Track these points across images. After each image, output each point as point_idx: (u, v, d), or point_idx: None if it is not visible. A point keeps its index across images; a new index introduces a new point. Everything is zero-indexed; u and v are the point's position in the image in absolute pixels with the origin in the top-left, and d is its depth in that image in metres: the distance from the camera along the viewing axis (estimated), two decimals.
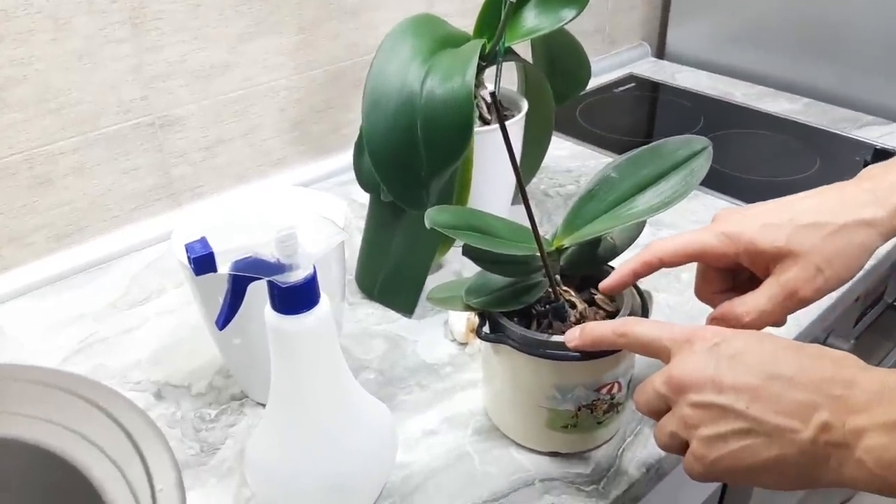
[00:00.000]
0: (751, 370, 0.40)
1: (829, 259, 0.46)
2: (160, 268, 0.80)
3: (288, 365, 0.46)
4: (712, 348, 0.41)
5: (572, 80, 0.84)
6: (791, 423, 0.38)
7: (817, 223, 0.47)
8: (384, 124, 0.62)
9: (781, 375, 0.39)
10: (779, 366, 0.39)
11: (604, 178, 0.55)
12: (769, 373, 0.39)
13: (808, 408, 0.38)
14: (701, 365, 0.41)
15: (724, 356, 0.41)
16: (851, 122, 1.09)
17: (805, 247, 0.46)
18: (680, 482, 0.67)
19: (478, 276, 0.55)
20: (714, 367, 0.41)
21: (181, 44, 0.80)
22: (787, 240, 0.47)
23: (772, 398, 0.39)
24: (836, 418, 0.37)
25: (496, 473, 0.55)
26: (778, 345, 0.41)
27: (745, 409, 0.39)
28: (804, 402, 0.38)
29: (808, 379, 0.38)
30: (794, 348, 0.41)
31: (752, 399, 0.39)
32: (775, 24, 1.20)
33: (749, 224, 0.48)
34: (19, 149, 0.73)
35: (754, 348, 0.41)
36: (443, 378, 0.64)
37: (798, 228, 0.47)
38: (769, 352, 0.40)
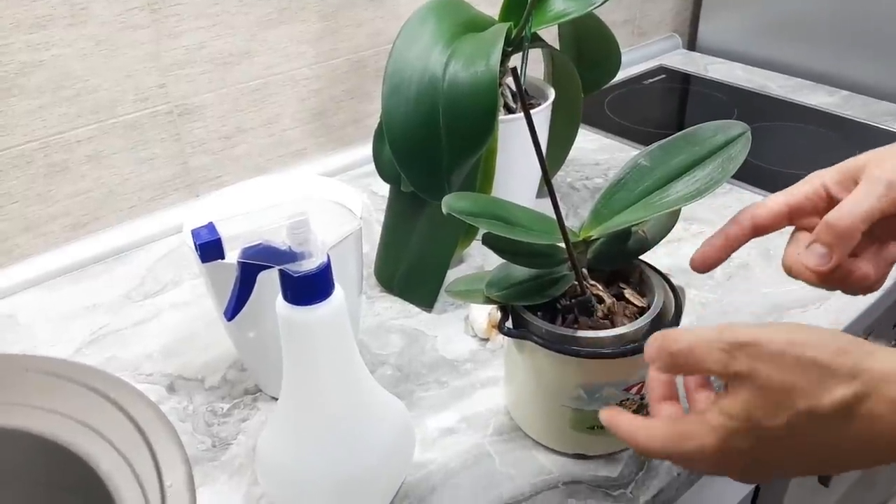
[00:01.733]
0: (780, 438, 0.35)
1: None
2: (176, 259, 0.79)
3: (300, 359, 0.44)
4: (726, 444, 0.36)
5: (601, 69, 0.81)
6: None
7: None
8: (405, 109, 0.60)
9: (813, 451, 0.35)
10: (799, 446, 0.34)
11: (634, 166, 0.52)
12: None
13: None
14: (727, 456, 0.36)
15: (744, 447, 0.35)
16: (892, 115, 1.05)
17: (884, 157, 0.42)
18: (711, 487, 0.64)
19: (500, 269, 0.52)
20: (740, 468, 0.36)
21: (200, 30, 0.78)
22: (864, 157, 0.43)
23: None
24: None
25: (517, 475, 0.53)
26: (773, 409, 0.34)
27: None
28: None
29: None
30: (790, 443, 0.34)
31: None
32: (811, 14, 1.15)
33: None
34: (35, 136, 0.72)
35: (764, 422, 0.34)
36: (462, 375, 0.62)
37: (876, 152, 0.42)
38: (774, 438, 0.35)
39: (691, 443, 0.36)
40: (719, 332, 0.36)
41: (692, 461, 0.37)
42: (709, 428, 0.36)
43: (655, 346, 0.38)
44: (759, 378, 0.34)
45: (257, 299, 0.42)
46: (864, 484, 1.19)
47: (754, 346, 0.34)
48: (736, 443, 0.35)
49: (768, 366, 0.34)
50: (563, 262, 0.51)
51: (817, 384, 0.33)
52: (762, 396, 0.34)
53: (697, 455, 0.36)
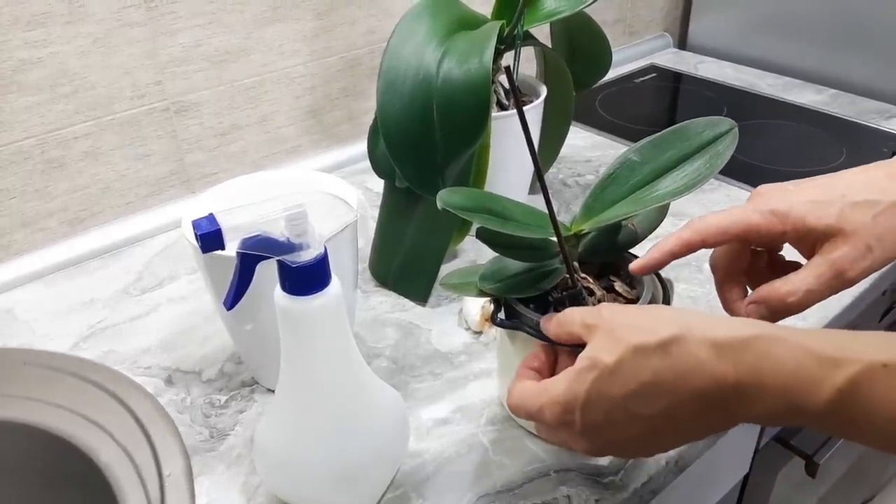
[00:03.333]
0: (631, 420, 0.40)
1: (878, 238, 0.44)
2: (173, 255, 0.79)
3: (297, 348, 0.45)
4: (584, 429, 0.41)
5: (593, 67, 0.82)
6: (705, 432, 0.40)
7: (868, 201, 0.45)
8: (399, 105, 0.61)
9: (654, 414, 0.39)
10: (640, 408, 0.39)
11: (624, 161, 0.53)
12: (644, 415, 0.39)
13: (719, 421, 0.39)
14: (598, 439, 0.41)
15: (600, 425, 0.40)
16: (879, 113, 1.07)
17: (856, 225, 0.44)
18: (700, 476, 0.66)
19: (493, 262, 0.53)
20: (612, 432, 0.41)
21: (196, 28, 0.79)
22: (837, 217, 0.44)
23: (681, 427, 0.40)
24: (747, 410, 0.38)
25: (510, 464, 0.54)
26: (615, 385, 0.39)
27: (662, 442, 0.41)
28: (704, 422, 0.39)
29: (677, 406, 0.39)
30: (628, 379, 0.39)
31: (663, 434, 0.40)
32: (800, 14, 1.17)
33: (797, 201, 0.46)
34: (33, 133, 0.73)
35: (609, 406, 0.40)
36: (456, 367, 0.63)
37: (849, 206, 0.45)
38: (620, 398, 0.39)
39: (544, 395, 0.42)
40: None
41: (542, 416, 0.42)
42: (560, 378, 0.42)
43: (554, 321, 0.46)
44: (606, 322, 0.41)
45: (254, 293, 0.42)
46: (852, 478, 1.20)
47: (608, 307, 0.43)
48: (577, 386, 0.40)
49: (614, 312, 0.42)
50: (555, 256, 0.52)
51: (649, 326, 0.39)
52: (605, 336, 0.41)
53: (548, 408, 0.42)
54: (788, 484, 0.93)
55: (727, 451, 0.70)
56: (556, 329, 0.46)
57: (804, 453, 0.83)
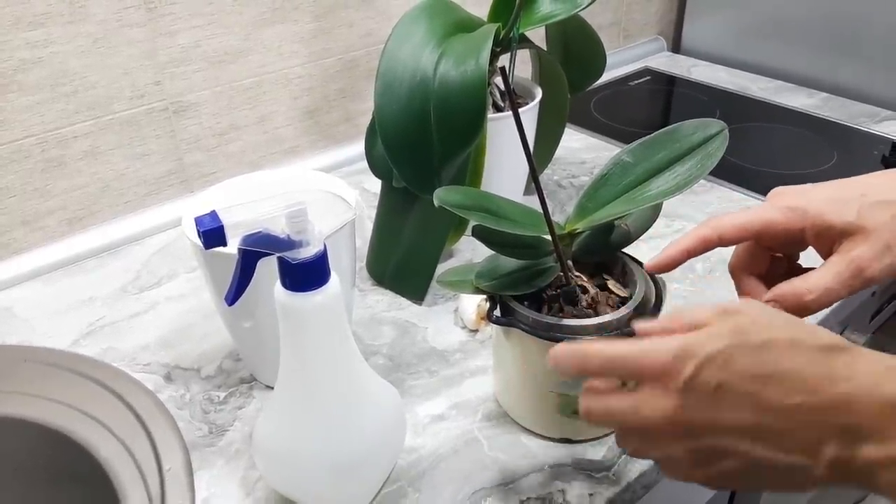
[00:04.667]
0: (741, 404, 0.36)
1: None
2: (171, 253, 0.80)
3: (297, 343, 0.45)
4: (691, 382, 0.37)
5: (587, 69, 0.83)
6: (801, 460, 0.35)
7: (888, 201, 0.44)
8: (397, 107, 0.62)
9: (776, 407, 0.36)
10: (768, 393, 0.36)
11: (617, 162, 0.54)
12: (762, 405, 0.36)
13: (814, 443, 0.35)
14: (690, 405, 0.37)
15: (708, 390, 0.37)
16: (870, 116, 1.08)
17: (876, 223, 0.44)
18: None
19: (488, 260, 0.54)
20: (708, 405, 0.37)
21: (195, 29, 0.80)
22: (857, 215, 0.44)
23: (773, 436, 0.36)
24: (845, 452, 0.35)
25: (505, 459, 0.55)
26: (750, 359, 0.37)
27: (750, 450, 0.36)
28: (808, 440, 0.35)
29: (804, 406, 0.35)
30: (769, 360, 0.36)
31: (754, 439, 0.36)
32: (793, 18, 1.18)
33: (815, 199, 0.46)
34: (33, 132, 0.73)
35: (734, 369, 0.36)
36: (452, 364, 0.64)
37: (869, 205, 0.44)
38: (749, 376, 0.36)
39: (649, 344, 0.38)
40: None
41: (638, 362, 0.38)
42: (678, 336, 0.38)
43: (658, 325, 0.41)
44: (751, 312, 0.38)
45: (253, 291, 0.43)
46: None
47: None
48: (707, 339, 0.37)
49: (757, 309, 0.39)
50: (550, 254, 0.53)
51: (810, 329, 0.37)
52: (759, 315, 0.38)
53: (651, 353, 0.38)
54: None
55: None
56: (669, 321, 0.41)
57: None
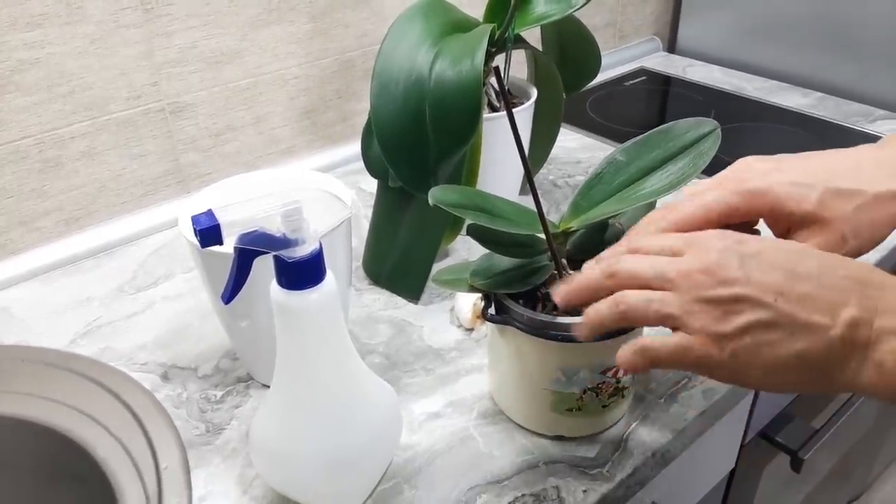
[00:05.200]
0: (775, 268, 0.38)
1: (855, 230, 0.44)
2: (168, 253, 0.80)
3: (293, 341, 0.46)
4: (731, 246, 0.40)
5: (582, 70, 0.83)
6: (821, 318, 0.37)
7: (851, 190, 0.44)
8: (392, 107, 0.62)
9: (808, 274, 0.38)
10: (804, 265, 0.38)
11: (611, 160, 0.55)
12: (795, 272, 0.38)
13: (837, 304, 0.37)
14: (724, 260, 0.39)
15: (746, 254, 0.39)
16: (864, 116, 1.09)
17: (835, 214, 0.44)
18: (685, 470, 0.67)
19: (483, 258, 0.55)
20: (738, 262, 0.39)
21: (192, 30, 0.80)
22: (817, 204, 0.44)
23: (801, 295, 0.37)
24: (865, 315, 0.36)
25: (500, 456, 0.55)
26: (797, 247, 0.40)
27: (773, 301, 0.37)
28: (833, 300, 0.37)
29: (836, 277, 0.38)
30: (815, 252, 0.40)
31: (780, 294, 0.38)
32: (788, 19, 1.19)
33: (780, 181, 0.45)
34: (30, 132, 0.74)
35: (775, 250, 0.40)
36: (448, 363, 0.64)
37: (831, 193, 0.44)
38: (791, 252, 0.39)
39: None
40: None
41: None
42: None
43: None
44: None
45: (249, 290, 0.44)
46: (838, 476, 1.22)
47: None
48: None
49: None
50: (544, 253, 0.53)
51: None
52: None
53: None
54: (774, 480, 0.95)
55: (713, 445, 0.72)
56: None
57: (789, 449, 0.85)
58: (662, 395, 0.60)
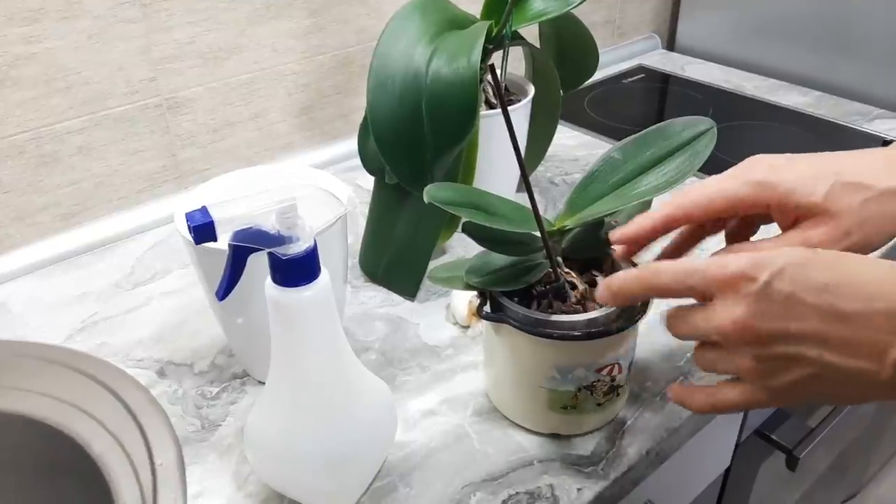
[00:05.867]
0: (813, 311, 0.37)
1: (860, 224, 0.44)
2: (165, 249, 0.80)
3: (288, 338, 0.46)
4: (764, 291, 0.38)
5: (580, 67, 0.83)
6: (867, 365, 0.36)
7: (859, 184, 0.44)
8: (389, 104, 0.62)
9: (846, 314, 0.37)
10: (840, 301, 0.37)
11: (607, 159, 0.55)
12: (833, 312, 0.37)
13: (881, 346, 0.36)
14: (753, 311, 0.38)
15: (779, 299, 0.38)
16: (863, 115, 1.09)
17: (841, 207, 0.44)
18: (681, 468, 0.67)
19: (479, 256, 0.55)
20: (770, 313, 0.38)
21: (190, 25, 0.80)
22: (825, 196, 0.44)
23: (843, 341, 0.37)
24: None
25: (495, 453, 0.55)
26: (823, 271, 0.38)
27: (818, 356, 0.37)
28: (876, 342, 0.36)
29: (876, 313, 0.36)
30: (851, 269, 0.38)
31: (822, 344, 0.37)
32: (787, 17, 1.19)
33: (787, 174, 0.46)
34: (27, 127, 0.74)
35: (809, 280, 0.38)
36: (443, 360, 0.64)
37: (840, 185, 0.44)
38: (828, 283, 0.37)
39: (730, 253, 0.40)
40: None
41: (715, 269, 0.40)
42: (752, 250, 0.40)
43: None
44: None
45: (245, 287, 0.44)
46: (834, 474, 1.22)
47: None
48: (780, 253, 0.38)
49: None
50: (540, 251, 0.53)
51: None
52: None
53: (733, 261, 0.39)
54: (770, 478, 0.95)
55: (708, 443, 0.72)
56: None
57: (785, 447, 0.85)
58: (657, 394, 0.60)
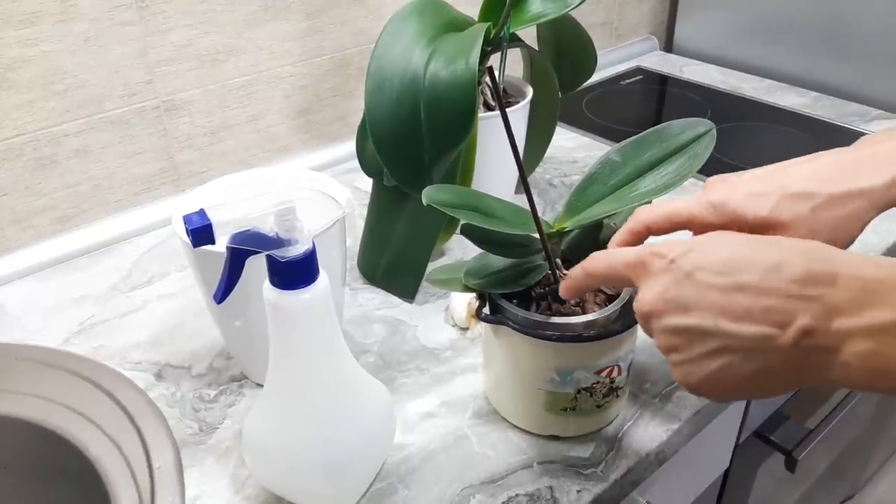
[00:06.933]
0: (712, 284, 0.37)
1: (815, 231, 0.44)
2: (162, 252, 0.80)
3: (286, 341, 0.46)
4: (668, 267, 0.39)
5: (578, 69, 0.83)
6: (768, 330, 0.36)
7: (806, 192, 0.45)
8: (387, 106, 0.62)
9: (747, 284, 0.37)
10: (742, 273, 0.37)
11: (606, 161, 0.55)
12: (733, 284, 0.37)
13: (784, 313, 0.36)
14: (660, 288, 0.39)
15: (682, 273, 0.39)
16: (860, 116, 1.09)
17: (792, 216, 0.44)
18: (680, 470, 0.67)
19: (478, 258, 0.55)
20: (674, 287, 0.39)
21: (187, 28, 0.80)
22: (771, 210, 0.45)
23: (740, 310, 0.37)
24: (818, 322, 0.35)
25: (494, 456, 0.55)
26: (736, 247, 0.39)
27: (715, 326, 0.37)
28: (777, 309, 0.36)
29: (777, 282, 0.36)
30: (756, 247, 0.38)
31: (720, 314, 0.37)
32: (785, 18, 1.19)
33: (736, 192, 0.46)
34: (24, 130, 0.73)
35: (712, 258, 0.38)
36: (442, 362, 0.64)
37: (785, 198, 0.45)
38: (728, 259, 0.38)
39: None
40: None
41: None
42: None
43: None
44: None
45: (243, 290, 0.44)
46: (832, 475, 1.22)
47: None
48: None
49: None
50: (538, 253, 0.53)
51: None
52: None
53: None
54: (769, 480, 0.95)
55: (707, 445, 0.72)
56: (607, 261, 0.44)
57: (784, 448, 0.85)
58: (657, 395, 0.60)
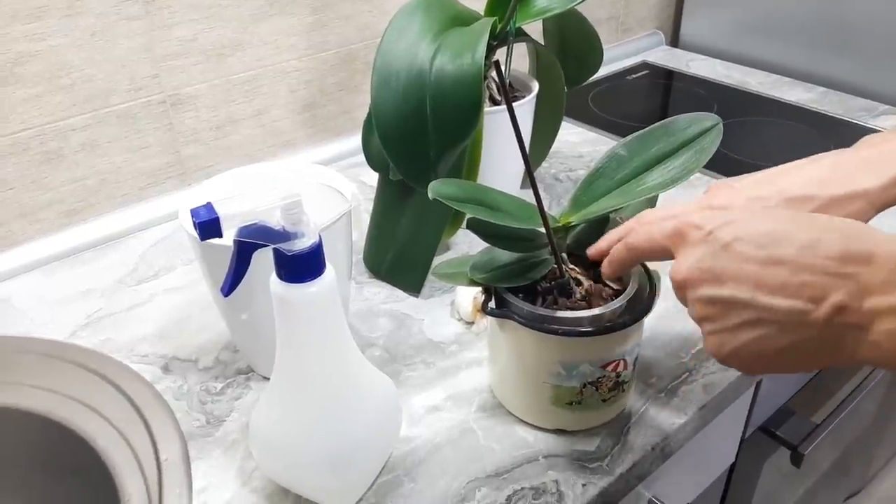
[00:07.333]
0: (750, 257, 0.38)
1: None
2: (169, 246, 0.80)
3: (292, 334, 0.46)
4: (706, 238, 0.39)
5: (584, 64, 0.83)
6: (803, 305, 0.36)
7: (805, 196, 0.45)
8: (393, 101, 0.62)
9: (784, 258, 0.37)
10: (780, 247, 0.37)
11: (613, 155, 0.55)
12: (770, 257, 0.37)
13: (819, 289, 0.36)
14: (695, 258, 0.40)
15: (720, 245, 0.39)
16: (868, 111, 1.08)
17: None
18: (686, 464, 0.67)
19: (484, 252, 0.55)
20: (711, 258, 0.39)
21: (193, 22, 0.80)
22: None
23: (777, 283, 0.37)
24: (851, 300, 0.35)
25: (500, 449, 0.55)
26: (776, 222, 0.38)
27: (751, 298, 0.37)
28: (813, 284, 0.36)
29: (814, 258, 0.36)
30: (796, 223, 0.38)
31: (756, 287, 0.37)
32: (791, 13, 1.19)
33: (735, 198, 0.47)
34: (31, 124, 0.74)
35: (750, 231, 0.38)
36: (448, 356, 0.64)
37: (784, 202, 0.45)
38: (766, 233, 0.38)
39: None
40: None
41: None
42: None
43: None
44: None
45: (250, 283, 0.44)
46: (838, 471, 1.22)
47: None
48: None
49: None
50: (544, 247, 0.53)
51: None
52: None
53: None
54: (774, 475, 0.95)
55: (713, 439, 0.72)
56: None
57: (789, 443, 0.85)
58: (662, 390, 0.60)
